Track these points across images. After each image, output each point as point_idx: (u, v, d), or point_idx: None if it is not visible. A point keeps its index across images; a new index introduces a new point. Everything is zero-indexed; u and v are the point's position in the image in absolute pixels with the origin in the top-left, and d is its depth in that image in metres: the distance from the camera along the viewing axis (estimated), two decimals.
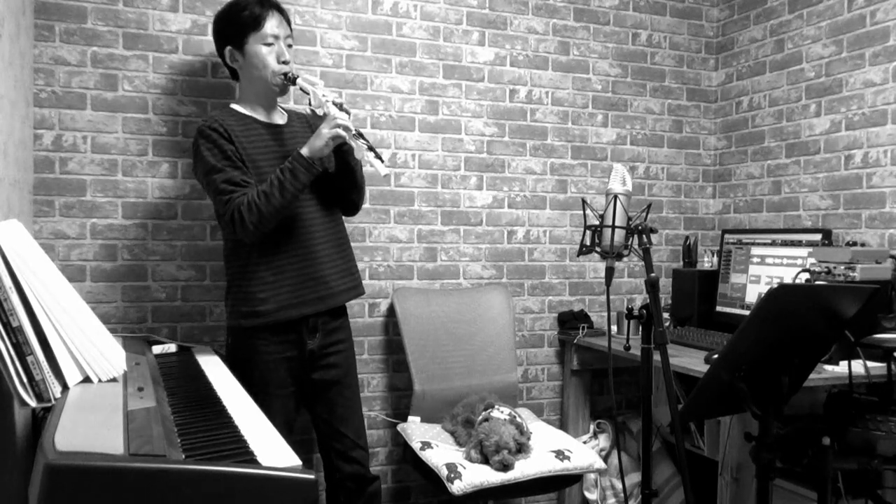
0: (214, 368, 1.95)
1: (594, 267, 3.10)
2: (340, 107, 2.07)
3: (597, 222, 1.88)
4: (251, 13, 2.11)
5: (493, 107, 2.92)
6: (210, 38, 2.52)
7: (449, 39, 2.84)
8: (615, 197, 1.84)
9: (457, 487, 2.10)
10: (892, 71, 2.50)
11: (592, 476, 2.85)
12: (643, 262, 1.81)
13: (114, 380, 1.45)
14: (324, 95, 2.08)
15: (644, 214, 1.86)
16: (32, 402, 1.29)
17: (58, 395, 1.32)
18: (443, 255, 2.86)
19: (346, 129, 2.01)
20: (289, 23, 2.19)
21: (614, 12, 3.10)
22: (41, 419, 1.35)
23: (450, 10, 2.84)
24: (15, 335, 1.30)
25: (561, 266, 3.05)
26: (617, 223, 1.84)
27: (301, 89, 2.13)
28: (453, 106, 2.86)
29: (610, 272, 1.86)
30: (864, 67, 2.59)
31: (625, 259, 2.60)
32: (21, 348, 1.30)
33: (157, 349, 2.17)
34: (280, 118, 2.25)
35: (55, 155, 2.37)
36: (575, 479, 2.44)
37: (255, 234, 2.01)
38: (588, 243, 1.91)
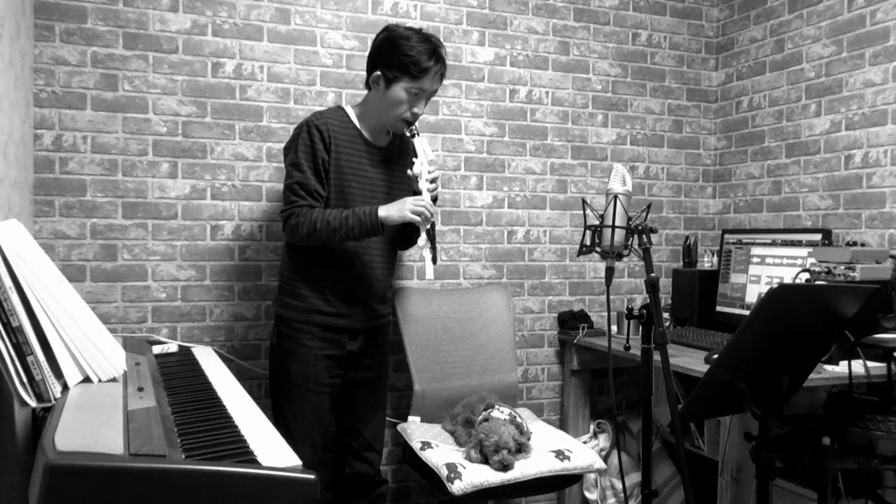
0: (214, 368, 1.95)
1: (594, 267, 3.10)
2: (432, 191, 2.12)
3: (597, 222, 1.88)
4: (418, 62, 2.08)
5: (493, 107, 2.92)
6: (210, 37, 2.52)
7: (449, 39, 2.84)
8: (615, 197, 1.84)
9: (457, 487, 2.10)
10: (892, 71, 2.50)
11: (592, 476, 2.85)
12: (643, 262, 1.81)
13: (114, 380, 1.45)
14: (430, 172, 2.13)
15: (644, 214, 1.86)
16: (32, 402, 1.29)
17: (58, 395, 1.32)
18: (443, 255, 2.86)
19: (426, 219, 2.05)
20: (443, 77, 2.20)
21: (614, 12, 3.10)
22: (41, 419, 1.35)
23: (450, 10, 2.84)
24: (15, 335, 1.30)
25: (561, 266, 3.05)
26: (617, 223, 1.84)
27: (413, 148, 2.17)
28: (453, 106, 2.86)
29: (610, 272, 1.86)
30: (864, 67, 2.59)
31: (625, 259, 2.60)
32: (21, 348, 1.30)
33: (157, 349, 2.17)
34: (384, 139, 2.27)
35: (55, 155, 2.37)
36: (575, 479, 2.44)
37: (298, 243, 2.12)
38: (588, 243, 1.91)
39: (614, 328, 2.82)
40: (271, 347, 2.25)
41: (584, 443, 2.84)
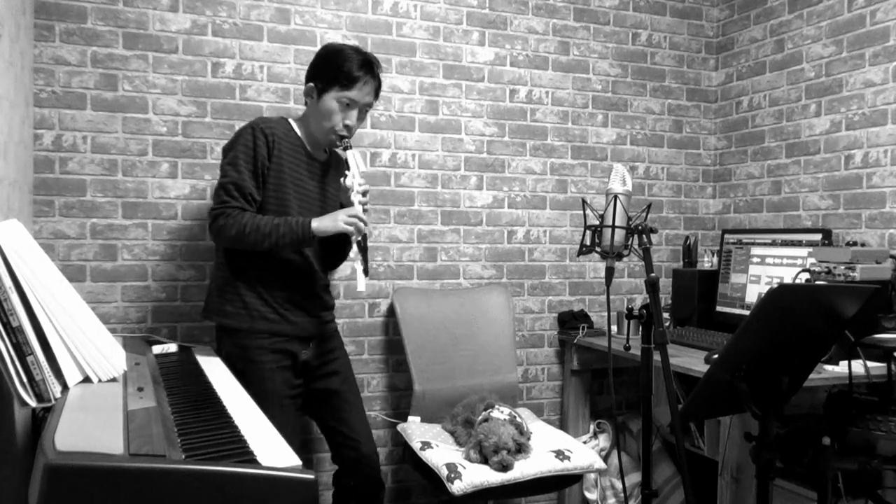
0: (214, 368, 1.95)
1: (594, 267, 3.10)
2: (364, 204, 2.11)
3: (597, 222, 1.88)
4: (349, 72, 2.10)
5: (493, 107, 2.92)
6: (210, 37, 2.53)
7: (449, 39, 2.84)
8: (615, 197, 1.84)
9: (457, 487, 2.09)
10: (892, 71, 2.50)
11: (592, 476, 2.85)
12: (643, 262, 1.81)
13: (114, 380, 1.45)
14: (360, 184, 2.11)
15: (644, 214, 1.86)
16: (32, 402, 1.29)
17: (58, 395, 1.32)
18: (443, 255, 2.86)
19: (358, 230, 2.04)
20: (378, 93, 2.21)
21: (614, 12, 3.10)
22: (41, 419, 1.35)
23: (450, 10, 2.84)
24: (15, 335, 1.30)
25: (561, 266, 3.05)
26: (617, 223, 1.84)
27: (346, 161, 2.15)
28: (453, 106, 2.86)
29: (610, 272, 1.86)
30: (864, 67, 2.59)
31: (625, 259, 2.60)
32: (21, 348, 1.30)
33: (157, 349, 2.16)
34: (323, 154, 2.27)
35: (55, 155, 2.37)
36: (575, 479, 2.44)
37: (223, 244, 2.10)
38: (588, 243, 1.91)
39: (614, 328, 2.82)
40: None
41: (584, 443, 2.84)
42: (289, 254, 2.14)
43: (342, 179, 2.16)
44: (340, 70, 2.10)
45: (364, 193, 2.12)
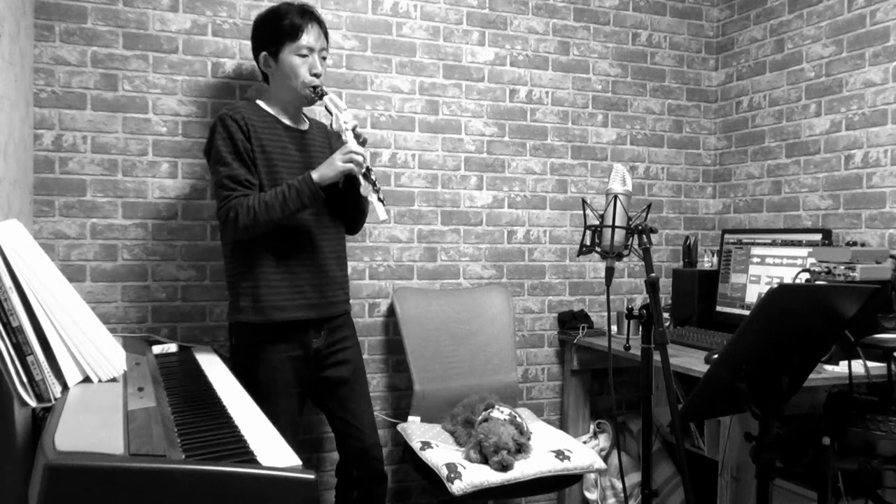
0: (214, 368, 1.95)
1: (594, 267, 3.10)
2: (359, 138, 2.11)
3: (597, 222, 1.88)
4: (291, 23, 2.13)
5: (493, 107, 2.92)
6: (210, 37, 2.53)
7: (449, 39, 2.84)
8: (615, 197, 1.84)
9: (457, 487, 2.10)
10: (892, 71, 2.50)
11: (592, 476, 2.85)
12: (643, 262, 1.81)
13: (114, 380, 1.45)
14: (345, 122, 2.11)
15: (644, 214, 1.86)
16: (32, 402, 1.29)
17: (58, 395, 1.32)
18: (443, 255, 2.86)
19: (359, 164, 2.04)
20: (326, 36, 2.22)
21: (614, 12, 3.10)
22: (41, 419, 1.35)
23: (450, 10, 2.84)
24: (15, 335, 1.30)
25: (561, 266, 3.05)
26: (617, 223, 1.84)
27: (326, 108, 2.15)
28: (453, 106, 2.86)
29: (610, 272, 1.86)
30: (864, 67, 2.59)
31: (625, 259, 2.60)
32: (21, 348, 1.30)
33: (157, 349, 2.17)
34: (302, 125, 2.28)
35: (55, 155, 2.37)
36: (575, 479, 2.44)
37: (243, 235, 2.05)
38: (588, 243, 1.91)
39: (614, 328, 2.82)
40: (231, 357, 2.17)
41: (584, 443, 2.84)
42: (300, 229, 2.12)
43: (329, 125, 2.17)
44: (282, 26, 2.13)
45: (354, 130, 2.11)
